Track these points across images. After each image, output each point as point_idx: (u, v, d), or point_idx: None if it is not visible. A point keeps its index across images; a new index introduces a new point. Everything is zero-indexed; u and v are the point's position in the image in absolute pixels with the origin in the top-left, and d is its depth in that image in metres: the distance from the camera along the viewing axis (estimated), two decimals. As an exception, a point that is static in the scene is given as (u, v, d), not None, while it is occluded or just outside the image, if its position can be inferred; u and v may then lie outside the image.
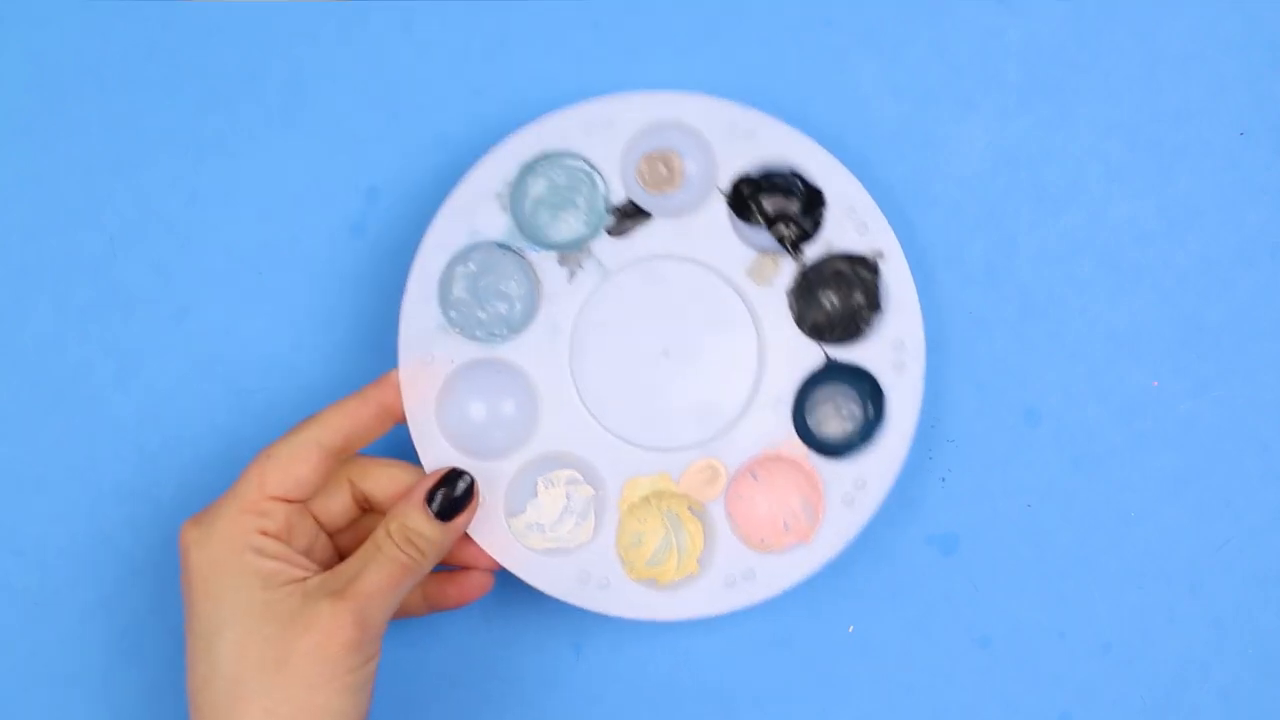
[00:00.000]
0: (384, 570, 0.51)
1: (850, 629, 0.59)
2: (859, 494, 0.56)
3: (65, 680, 0.58)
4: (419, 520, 0.52)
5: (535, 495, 0.56)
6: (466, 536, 0.55)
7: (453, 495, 0.53)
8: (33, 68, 0.59)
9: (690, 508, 0.57)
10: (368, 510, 0.55)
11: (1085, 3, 0.58)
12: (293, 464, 0.52)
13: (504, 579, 0.57)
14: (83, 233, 0.59)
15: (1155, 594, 0.58)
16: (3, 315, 0.59)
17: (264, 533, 0.51)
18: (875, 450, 0.57)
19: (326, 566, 0.53)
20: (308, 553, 0.53)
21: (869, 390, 0.57)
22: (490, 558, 0.56)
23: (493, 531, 0.55)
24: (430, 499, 0.52)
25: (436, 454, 0.55)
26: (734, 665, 0.59)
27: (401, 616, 0.56)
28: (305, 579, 0.51)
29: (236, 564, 0.50)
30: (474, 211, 0.56)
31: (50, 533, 0.58)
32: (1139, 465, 0.59)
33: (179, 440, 0.59)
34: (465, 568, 0.56)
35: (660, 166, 0.57)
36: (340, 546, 0.55)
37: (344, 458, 0.54)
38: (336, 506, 0.54)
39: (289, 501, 0.52)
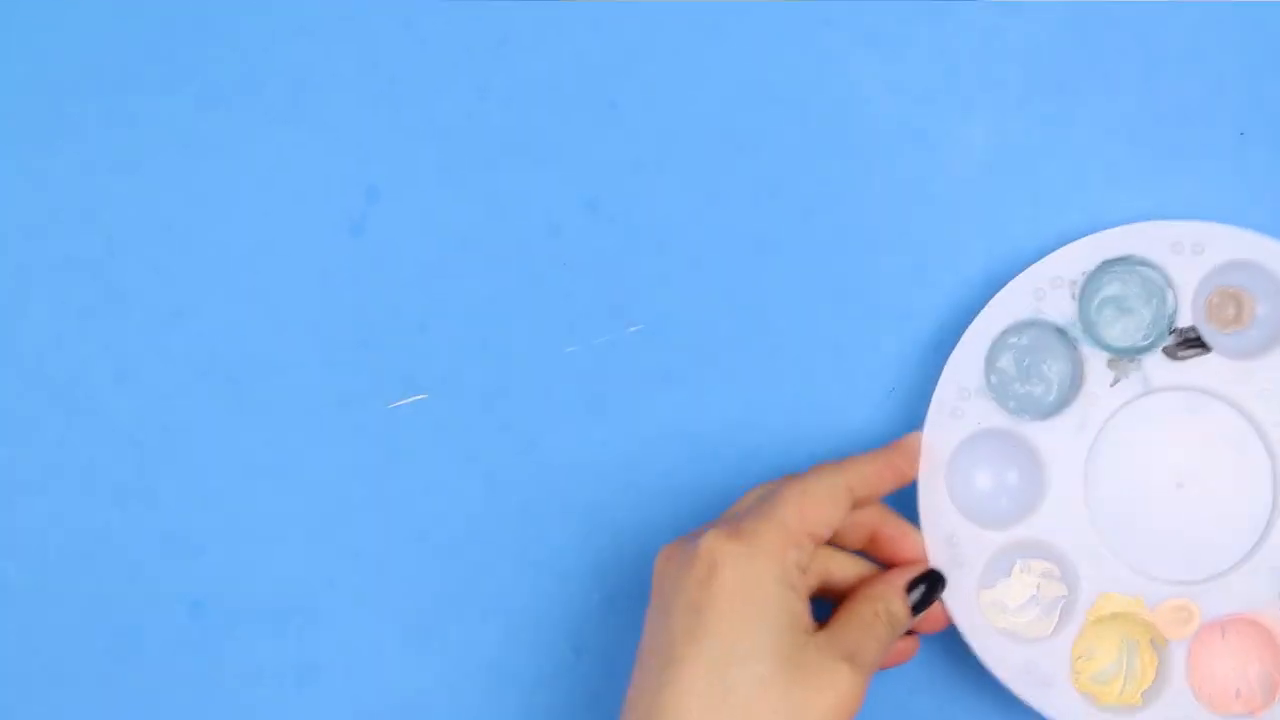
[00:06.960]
0: (878, 648, 0.50)
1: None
2: None
3: (65, 680, 0.58)
4: (900, 606, 0.52)
5: (1008, 575, 0.56)
6: None
7: (931, 598, 0.53)
8: (33, 67, 0.59)
9: (1153, 640, 0.56)
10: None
11: (1085, 3, 0.58)
12: (828, 503, 0.50)
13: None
14: (82, 233, 0.59)
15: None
16: (2, 315, 0.59)
17: (800, 569, 0.49)
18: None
19: None
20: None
21: None
22: (936, 620, 0.55)
23: (960, 595, 0.55)
24: (911, 589, 0.53)
25: (939, 512, 0.56)
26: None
27: None
28: (813, 632, 0.49)
29: (774, 594, 0.48)
30: (1044, 291, 0.56)
31: (50, 532, 0.58)
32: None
33: (179, 440, 0.59)
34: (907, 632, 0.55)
35: (1230, 305, 0.56)
36: None
37: (855, 510, 0.53)
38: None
39: (815, 542, 0.50)
